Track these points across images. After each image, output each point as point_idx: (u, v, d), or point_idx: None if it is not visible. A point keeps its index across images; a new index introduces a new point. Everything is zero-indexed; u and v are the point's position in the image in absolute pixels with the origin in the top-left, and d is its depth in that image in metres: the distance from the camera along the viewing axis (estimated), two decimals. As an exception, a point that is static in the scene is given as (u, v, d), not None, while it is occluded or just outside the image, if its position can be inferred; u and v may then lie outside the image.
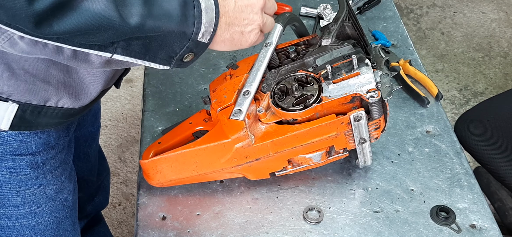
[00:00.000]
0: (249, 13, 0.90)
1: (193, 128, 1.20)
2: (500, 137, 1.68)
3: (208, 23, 0.84)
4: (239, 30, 0.90)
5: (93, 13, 0.73)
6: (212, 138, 1.10)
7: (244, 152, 1.08)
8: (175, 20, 0.81)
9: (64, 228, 1.19)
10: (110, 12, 0.74)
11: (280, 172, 1.16)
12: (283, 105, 1.07)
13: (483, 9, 3.30)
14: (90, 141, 1.46)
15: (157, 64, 0.86)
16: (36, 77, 0.93)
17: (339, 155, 1.15)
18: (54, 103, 0.98)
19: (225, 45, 0.91)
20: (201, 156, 1.11)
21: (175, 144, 1.17)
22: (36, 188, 1.10)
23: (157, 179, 1.15)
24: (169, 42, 0.83)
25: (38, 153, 1.06)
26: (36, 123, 0.99)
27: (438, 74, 2.89)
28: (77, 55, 0.83)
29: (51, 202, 1.14)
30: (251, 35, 0.92)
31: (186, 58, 0.87)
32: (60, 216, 1.17)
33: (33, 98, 0.95)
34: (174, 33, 0.82)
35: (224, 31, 0.88)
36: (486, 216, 1.15)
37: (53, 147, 1.09)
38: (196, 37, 0.84)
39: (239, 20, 0.89)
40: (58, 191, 1.15)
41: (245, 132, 1.06)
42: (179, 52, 0.85)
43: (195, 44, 0.85)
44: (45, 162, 1.09)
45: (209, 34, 0.86)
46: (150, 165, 1.14)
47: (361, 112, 1.05)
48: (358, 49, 1.10)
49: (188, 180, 1.16)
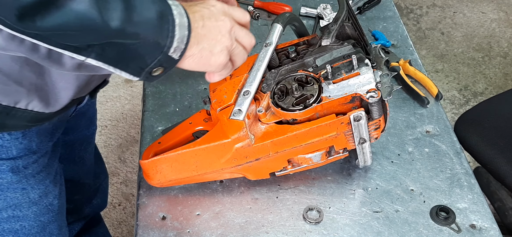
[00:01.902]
0: (217, 34, 0.90)
1: (193, 128, 1.20)
2: (500, 137, 1.68)
3: (180, 39, 0.85)
4: (208, 49, 0.89)
5: (76, 13, 0.74)
6: (212, 138, 1.10)
7: (244, 152, 1.08)
8: (153, 30, 0.82)
9: (50, 232, 1.18)
10: (93, 14, 0.75)
11: (280, 172, 1.16)
12: (283, 105, 1.07)
13: (483, 9, 3.30)
14: (86, 145, 1.45)
15: (127, 74, 0.86)
16: (9, 77, 0.92)
17: (339, 155, 1.15)
18: (24, 106, 0.96)
19: (194, 62, 0.90)
20: (201, 156, 1.11)
21: (175, 144, 1.17)
22: (18, 192, 1.09)
23: (157, 179, 1.16)
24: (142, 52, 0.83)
25: (19, 157, 1.05)
26: (3, 124, 0.98)
27: (438, 74, 2.89)
28: (52, 55, 0.84)
29: (34, 206, 1.13)
30: (221, 56, 0.91)
31: (155, 71, 0.87)
32: (45, 220, 1.16)
33: (3, 98, 0.94)
34: (150, 43, 0.82)
35: (194, 48, 0.88)
36: (486, 216, 1.15)
37: (35, 151, 1.08)
38: (168, 51, 0.84)
39: (208, 39, 0.89)
40: (42, 195, 1.14)
41: (245, 132, 1.06)
42: (150, 65, 0.85)
43: (166, 59, 0.86)
44: (27, 166, 1.08)
45: (180, 51, 0.86)
46: (150, 165, 1.14)
47: (361, 112, 1.05)
48: (358, 49, 1.10)
49: (188, 180, 1.16)
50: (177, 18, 0.84)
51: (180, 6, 0.85)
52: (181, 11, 0.85)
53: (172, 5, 0.84)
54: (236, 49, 0.93)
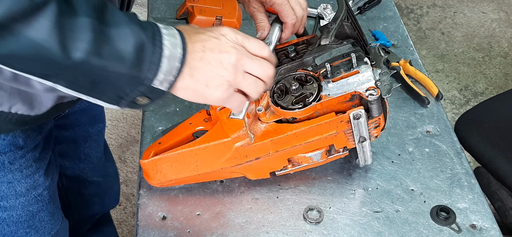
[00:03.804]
0: (216, 67, 0.83)
1: (193, 128, 1.20)
2: (500, 137, 1.68)
3: (168, 71, 0.79)
4: (204, 82, 0.83)
5: (31, 42, 0.69)
6: (212, 138, 1.10)
7: (244, 151, 1.08)
8: (126, 63, 0.75)
9: (39, 219, 1.17)
10: (50, 44, 0.70)
11: (280, 172, 1.16)
12: (282, 104, 1.07)
13: (484, 9, 3.30)
14: (91, 142, 1.45)
15: (104, 102, 0.81)
16: None
17: (339, 154, 1.15)
18: (7, 109, 0.93)
19: (188, 94, 0.84)
20: (201, 155, 1.11)
21: (175, 144, 1.17)
22: (4, 185, 1.08)
23: (157, 179, 1.15)
24: (118, 83, 0.77)
25: (3, 153, 1.04)
26: None
27: (438, 74, 2.89)
28: (18, 78, 0.81)
29: (22, 197, 1.11)
30: (217, 91, 0.84)
31: (139, 101, 0.81)
32: (34, 209, 1.15)
33: None
34: (124, 75, 0.76)
35: (187, 80, 0.82)
36: (487, 216, 1.15)
37: (21, 147, 1.06)
38: (150, 83, 0.78)
39: (205, 72, 0.82)
40: (30, 188, 1.12)
41: (245, 131, 1.06)
42: (129, 94, 0.79)
43: (149, 90, 0.79)
44: (13, 162, 1.06)
45: (168, 83, 0.80)
46: (150, 165, 1.14)
47: (361, 110, 1.05)
48: (357, 48, 1.10)
49: (188, 180, 1.16)
50: (166, 49, 0.78)
51: (178, 35, 0.80)
52: (175, 42, 0.79)
53: (166, 34, 0.79)
54: (244, 81, 0.86)
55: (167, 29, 0.80)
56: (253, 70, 0.87)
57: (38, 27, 0.69)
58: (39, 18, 0.69)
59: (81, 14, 0.72)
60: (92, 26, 0.72)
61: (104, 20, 0.73)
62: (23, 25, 0.68)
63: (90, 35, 0.72)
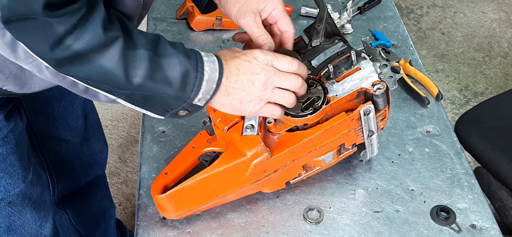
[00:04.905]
0: (249, 86, 0.97)
1: (198, 151, 1.14)
2: (500, 137, 1.68)
3: (206, 92, 0.94)
4: (238, 99, 0.98)
5: (103, 68, 0.87)
6: (228, 159, 1.05)
7: (262, 166, 1.06)
8: (173, 87, 0.92)
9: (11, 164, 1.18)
10: (117, 70, 0.87)
11: (295, 180, 1.14)
12: (292, 113, 1.06)
13: (484, 9, 3.30)
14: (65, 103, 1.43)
15: (153, 113, 0.98)
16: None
17: (348, 151, 1.15)
18: None
19: (224, 108, 1.00)
20: (220, 179, 1.06)
21: (183, 172, 1.12)
22: None
23: (176, 211, 1.10)
24: (166, 100, 0.95)
25: None
26: None
27: (439, 74, 2.89)
28: (89, 91, 0.94)
29: None
30: (250, 105, 0.99)
31: (181, 113, 0.98)
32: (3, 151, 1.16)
33: None
34: (171, 96, 0.93)
35: (223, 98, 0.97)
36: (487, 216, 1.15)
37: None
38: (191, 101, 0.95)
39: (239, 91, 0.97)
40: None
41: (262, 146, 1.04)
42: (174, 109, 0.97)
43: (190, 106, 0.96)
44: None
45: (205, 100, 0.96)
46: (168, 199, 1.08)
47: (370, 105, 1.06)
48: (348, 44, 1.11)
49: (206, 207, 1.12)
50: (206, 74, 0.93)
51: (216, 61, 0.95)
52: (214, 67, 0.94)
53: (207, 61, 0.94)
54: (273, 96, 0.99)
55: (208, 56, 0.95)
56: (282, 85, 1.00)
57: (109, 57, 0.86)
58: (110, 50, 0.86)
59: (140, 47, 0.89)
60: (148, 57, 0.89)
61: (157, 52, 0.90)
62: (98, 55, 0.86)
63: (147, 64, 0.89)
